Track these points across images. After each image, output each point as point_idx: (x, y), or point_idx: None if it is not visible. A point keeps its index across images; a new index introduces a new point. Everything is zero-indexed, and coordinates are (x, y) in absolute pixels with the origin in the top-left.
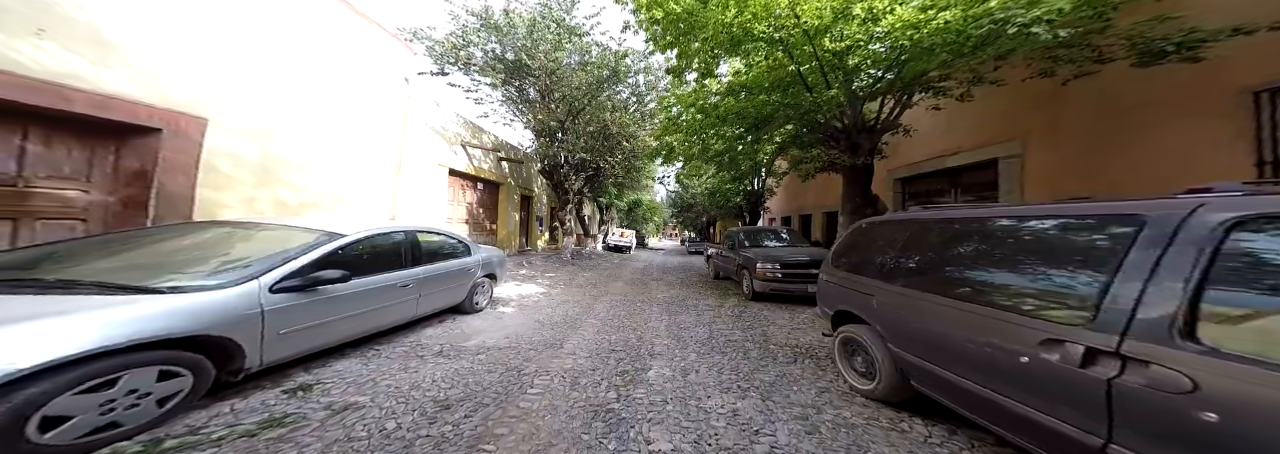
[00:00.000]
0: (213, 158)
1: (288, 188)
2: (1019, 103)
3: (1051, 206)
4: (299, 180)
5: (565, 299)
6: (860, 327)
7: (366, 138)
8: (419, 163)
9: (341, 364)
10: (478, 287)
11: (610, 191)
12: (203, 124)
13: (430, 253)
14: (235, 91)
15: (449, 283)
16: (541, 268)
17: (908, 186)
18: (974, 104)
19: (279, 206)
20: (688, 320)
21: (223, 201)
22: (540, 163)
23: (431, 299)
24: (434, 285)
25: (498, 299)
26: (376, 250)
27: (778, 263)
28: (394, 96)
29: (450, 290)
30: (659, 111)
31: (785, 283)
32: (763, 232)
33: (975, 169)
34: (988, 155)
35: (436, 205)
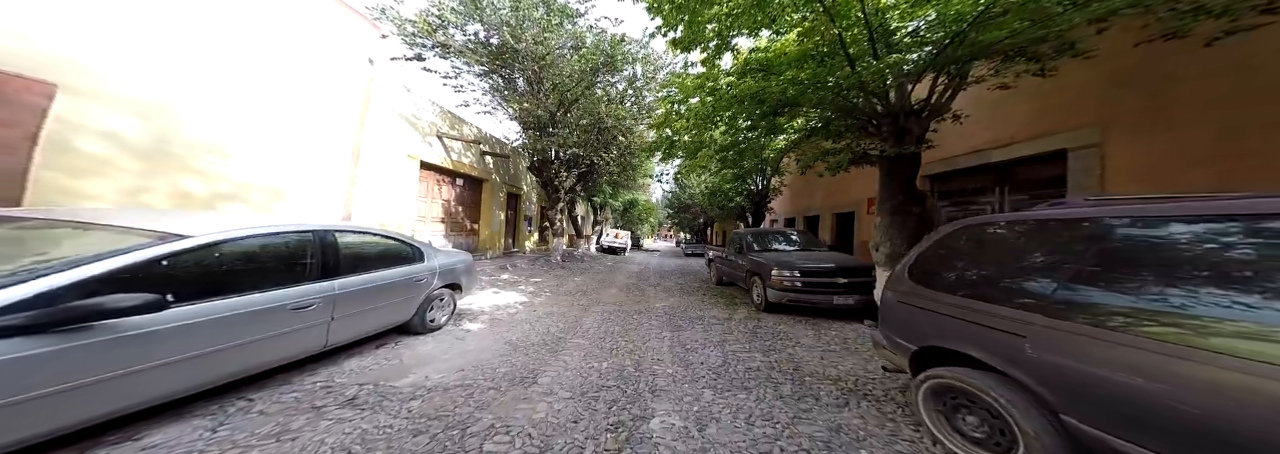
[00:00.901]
0: (71, 134)
1: (197, 177)
2: (1095, 82)
3: None
4: (215, 169)
5: (549, 311)
6: (977, 374)
7: (316, 123)
8: (383, 153)
9: (167, 432)
10: (434, 300)
11: (604, 190)
12: (48, 90)
13: (355, 260)
14: (109, 54)
15: (387, 298)
16: (527, 272)
17: (939, 185)
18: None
19: (182, 200)
20: (694, 338)
21: (86, 191)
22: (528, 158)
23: (356, 321)
24: (361, 302)
25: (465, 313)
26: (254, 259)
27: (797, 270)
28: (354, 78)
29: (389, 308)
30: (660, 104)
31: (805, 293)
32: (773, 234)
33: (1031, 163)
34: (1051, 146)
35: (404, 202)
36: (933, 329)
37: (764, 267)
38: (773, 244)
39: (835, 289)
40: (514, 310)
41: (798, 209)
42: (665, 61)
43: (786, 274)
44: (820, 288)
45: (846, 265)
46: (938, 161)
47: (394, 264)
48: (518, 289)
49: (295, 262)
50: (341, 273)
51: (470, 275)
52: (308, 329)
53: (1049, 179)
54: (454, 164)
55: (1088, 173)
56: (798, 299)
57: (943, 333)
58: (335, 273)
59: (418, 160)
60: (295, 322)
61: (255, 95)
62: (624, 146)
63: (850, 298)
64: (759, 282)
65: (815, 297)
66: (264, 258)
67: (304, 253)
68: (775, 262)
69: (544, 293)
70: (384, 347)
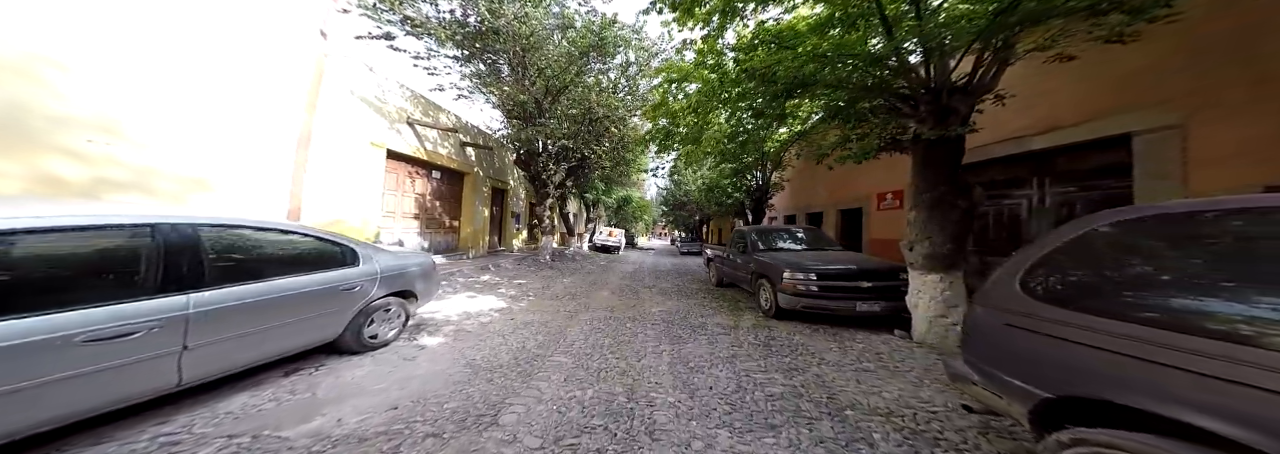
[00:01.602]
0: None
1: (69, 159)
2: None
3: None
4: (98, 149)
5: (529, 319)
6: (1164, 443)
7: (251, 102)
8: (341, 140)
9: None
10: (374, 312)
11: (597, 186)
12: None
13: (237, 266)
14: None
15: (295, 312)
16: (512, 273)
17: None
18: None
19: (51, 187)
20: (698, 354)
21: None
22: (514, 151)
23: (237, 348)
24: (243, 322)
25: (425, 323)
26: (26, 266)
27: (812, 273)
28: (302, 53)
29: (301, 325)
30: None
31: (823, 298)
32: (780, 232)
33: (1081, 150)
34: (1110, 130)
35: (368, 194)
36: (1087, 372)
37: (773, 269)
38: (779, 243)
39: (858, 294)
40: (487, 319)
41: (798, 206)
42: (660, 47)
43: (800, 277)
44: (840, 293)
45: (870, 267)
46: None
47: (310, 269)
48: (497, 293)
49: (114, 269)
50: (206, 284)
51: (429, 280)
52: (134, 366)
53: (1102, 168)
54: (429, 154)
55: (1162, 159)
56: (814, 305)
57: (1113, 380)
58: (194, 283)
59: (383, 148)
60: (102, 357)
61: (164, 65)
62: (617, 139)
63: (876, 304)
64: (767, 285)
65: (835, 303)
66: (52, 264)
67: (132, 257)
68: (786, 263)
69: (527, 297)
70: (297, 374)
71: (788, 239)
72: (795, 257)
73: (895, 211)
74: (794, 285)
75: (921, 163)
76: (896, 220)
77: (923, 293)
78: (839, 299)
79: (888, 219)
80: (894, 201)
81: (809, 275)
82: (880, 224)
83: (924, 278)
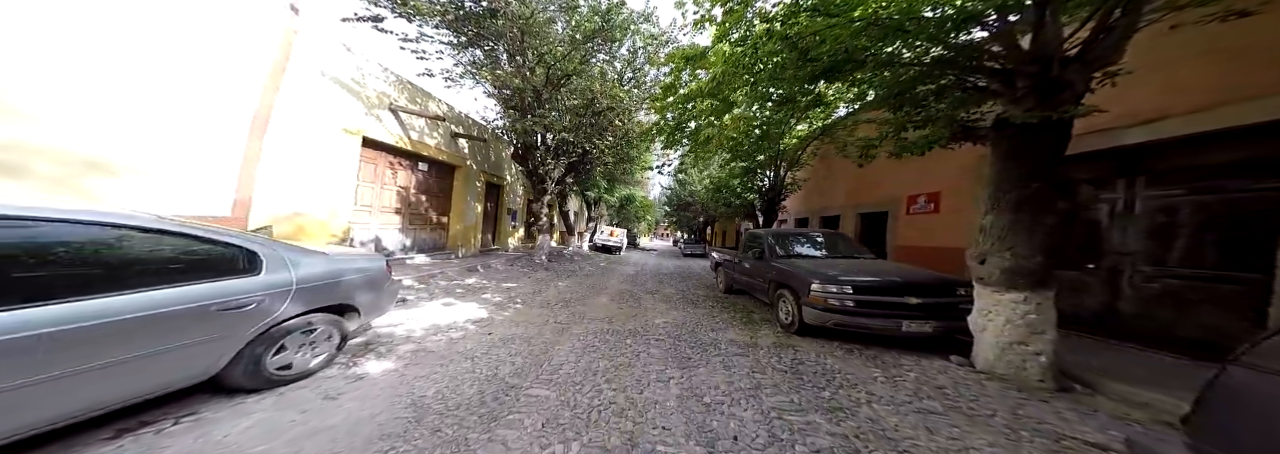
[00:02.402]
0: None
1: None
2: None
3: None
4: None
5: (511, 333)
6: None
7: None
8: (307, 124)
9: None
10: (286, 335)
11: (599, 184)
12: None
13: (39, 278)
14: None
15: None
16: (502, 275)
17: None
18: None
19: None
20: (713, 383)
21: None
22: (511, 144)
23: (22, 401)
24: (44, 361)
25: (377, 341)
26: None
27: (848, 286)
28: (265, 27)
29: (146, 361)
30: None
31: (860, 315)
32: (799, 236)
33: (1200, 143)
34: (1255, 117)
35: (338, 185)
36: None
37: (797, 278)
38: (800, 248)
39: (905, 312)
40: (459, 334)
41: (812, 208)
42: (670, 35)
43: (832, 290)
44: (882, 309)
45: (918, 280)
46: None
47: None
48: (480, 298)
49: None
50: None
51: (378, 290)
52: None
53: (1231, 165)
54: (414, 144)
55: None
56: (848, 323)
57: None
58: None
59: (359, 135)
60: None
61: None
62: (620, 133)
63: (927, 324)
64: (789, 296)
65: (876, 321)
66: None
67: None
68: (814, 273)
69: (513, 304)
70: (137, 432)
71: (809, 244)
72: (822, 265)
73: (929, 217)
74: (824, 299)
75: (1007, 154)
76: (930, 226)
77: (995, 314)
78: (881, 317)
79: (919, 224)
80: (928, 205)
81: (843, 288)
82: (910, 230)
83: (1000, 296)
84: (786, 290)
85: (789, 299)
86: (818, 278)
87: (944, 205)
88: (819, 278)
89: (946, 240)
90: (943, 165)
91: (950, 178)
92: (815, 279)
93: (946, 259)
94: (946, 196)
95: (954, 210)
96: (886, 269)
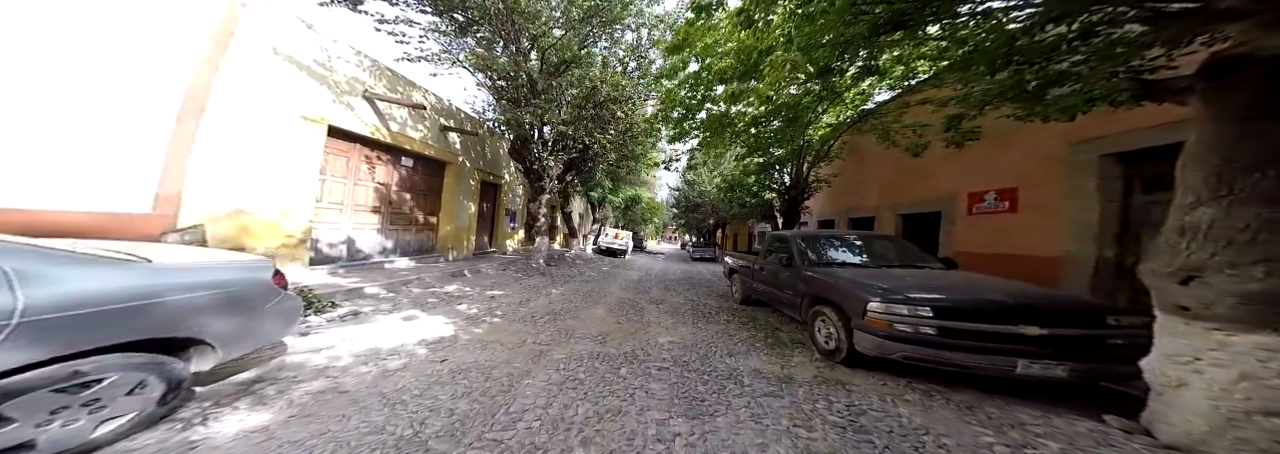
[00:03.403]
0: None
1: None
2: None
3: None
4: None
5: (470, 360)
6: None
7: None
8: (255, 108)
9: None
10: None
11: (603, 184)
12: None
13: None
14: None
15: None
16: (491, 281)
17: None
18: None
19: None
20: (740, 448)
21: None
22: (507, 138)
23: None
24: None
25: (278, 375)
26: None
27: (927, 306)
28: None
29: None
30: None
31: (945, 347)
32: (837, 239)
33: None
34: None
35: (297, 179)
36: None
37: (846, 294)
38: (838, 253)
39: (1021, 345)
40: (399, 363)
41: (838, 209)
42: (677, 19)
43: (902, 311)
44: (982, 341)
45: (1040, 301)
46: (1122, 135)
47: None
48: (453, 310)
49: None
50: None
51: (251, 313)
52: None
53: None
54: (394, 137)
55: None
56: (927, 358)
57: None
58: None
59: (324, 124)
60: None
61: None
62: (624, 127)
63: (1058, 366)
64: (831, 316)
65: (971, 357)
66: None
67: None
68: (872, 287)
69: (492, 316)
70: None
71: (851, 249)
72: (878, 277)
73: (1000, 218)
74: (890, 322)
75: (1248, 111)
76: (1002, 228)
77: (1213, 364)
78: (979, 350)
79: (985, 226)
80: (1000, 203)
81: (918, 309)
82: (973, 233)
83: (1229, 338)
84: (827, 308)
85: (831, 319)
86: (878, 294)
87: (1023, 202)
88: (880, 294)
89: (1027, 246)
90: (1017, 155)
91: (1030, 169)
92: (874, 295)
93: (1026, 270)
94: (1027, 192)
95: (1037, 208)
96: (977, 284)
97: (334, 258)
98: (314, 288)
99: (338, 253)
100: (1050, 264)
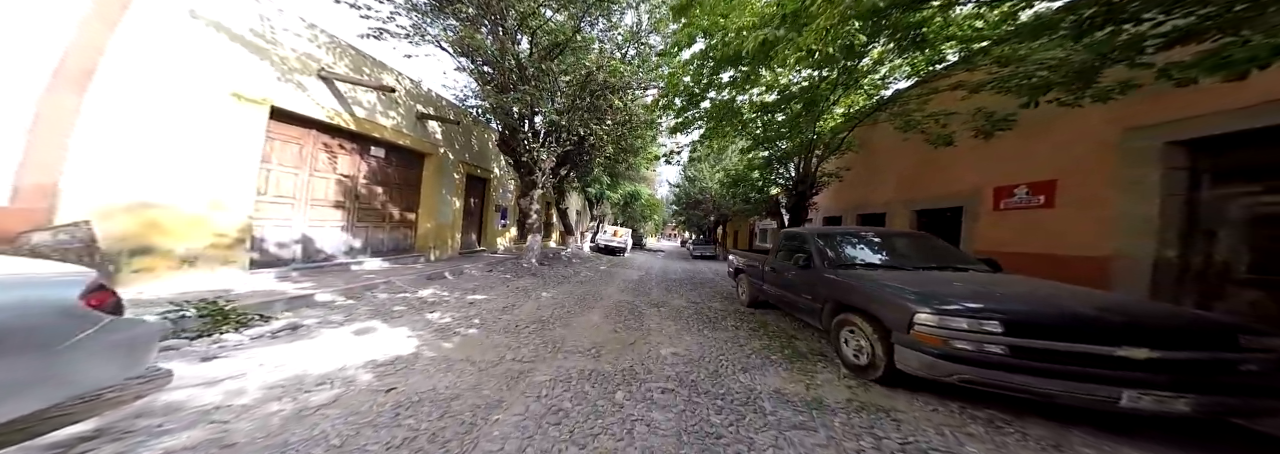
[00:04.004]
0: None
1: None
2: None
3: None
4: None
5: (425, 388)
6: None
7: None
8: (171, 83)
9: None
10: None
11: (601, 180)
12: None
13: None
14: None
15: None
16: (475, 283)
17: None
18: None
19: None
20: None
21: None
22: (495, 129)
23: None
24: None
25: (154, 414)
26: None
27: (995, 319)
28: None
29: None
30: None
31: (1020, 370)
32: (856, 236)
33: None
34: None
35: (232, 169)
36: None
37: (887, 302)
38: (863, 253)
39: (1123, 372)
40: (326, 396)
41: (846, 205)
42: None
43: (960, 325)
44: (1072, 364)
45: (1149, 316)
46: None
47: None
48: (420, 321)
49: None
50: None
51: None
52: None
53: None
54: (359, 123)
55: None
56: (997, 382)
57: None
58: None
59: (266, 105)
60: None
61: None
62: (622, 118)
63: (1179, 399)
64: (864, 327)
65: (1056, 383)
66: None
67: None
68: (919, 295)
69: (467, 327)
70: None
71: (878, 248)
72: (922, 281)
73: (1033, 213)
74: (945, 338)
75: None
76: (1035, 224)
77: None
78: (1068, 376)
79: (1014, 223)
80: (1033, 197)
81: (982, 322)
82: (999, 230)
83: None
84: (857, 317)
85: (863, 331)
86: (927, 303)
87: (1062, 196)
88: (930, 303)
89: (1067, 244)
90: (1055, 144)
91: (1072, 159)
92: (924, 306)
93: (1066, 270)
94: (1068, 184)
95: (1080, 203)
96: (1046, 291)
97: (285, 259)
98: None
99: (290, 254)
100: (1097, 264)
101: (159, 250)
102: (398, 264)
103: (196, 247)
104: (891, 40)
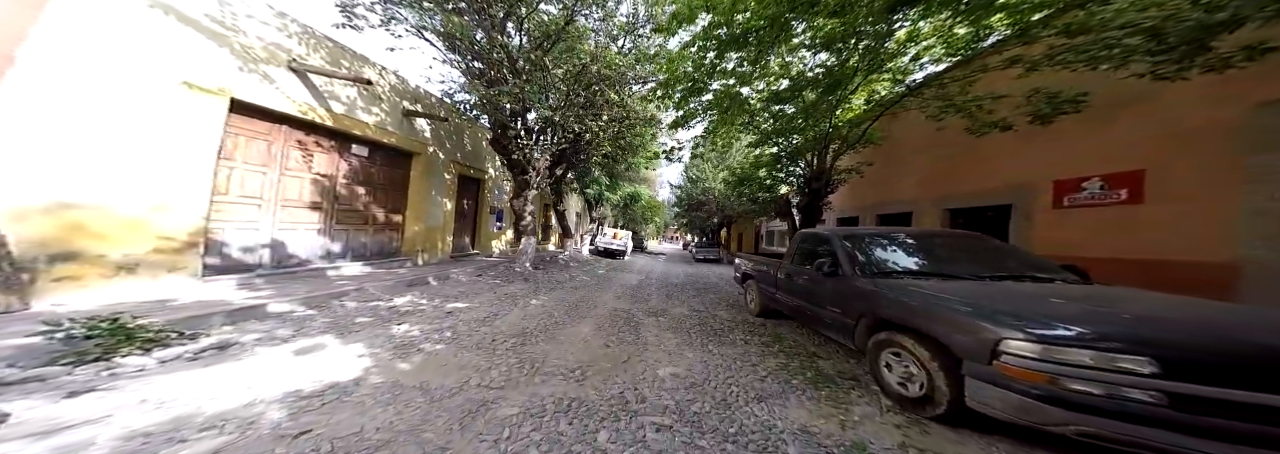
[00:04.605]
0: None
1: None
2: None
3: None
4: None
5: (356, 428)
6: None
7: None
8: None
9: None
10: None
11: (600, 181)
12: None
13: None
14: None
15: None
16: (458, 290)
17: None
18: None
19: None
20: None
21: None
22: (490, 125)
23: None
24: None
25: None
26: None
27: (1146, 354)
28: None
29: None
30: None
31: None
32: (898, 238)
33: None
34: None
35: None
36: None
37: (956, 321)
38: (902, 257)
39: None
40: (226, 437)
41: (863, 204)
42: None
43: (1082, 358)
44: (1256, 420)
45: None
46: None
47: None
48: (382, 335)
49: None
50: None
51: None
52: None
53: None
54: (337, 119)
55: None
56: (1145, 440)
57: None
58: None
59: (225, 97)
60: None
61: None
62: (620, 114)
63: None
64: (919, 350)
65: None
66: None
67: None
68: (1008, 312)
69: (434, 342)
70: None
71: (923, 253)
72: (996, 295)
73: (1113, 210)
74: (1054, 375)
75: None
76: (1114, 225)
77: None
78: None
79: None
80: (1112, 193)
81: (1116, 358)
82: (1063, 232)
83: None
84: (905, 337)
85: (917, 355)
86: (1019, 326)
87: (1153, 190)
88: (1024, 326)
89: (1163, 248)
90: (1140, 127)
91: (1170, 144)
92: (1014, 330)
93: (1164, 278)
94: (1161, 176)
95: (1180, 198)
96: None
97: (250, 265)
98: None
99: (256, 259)
100: (1213, 272)
101: (87, 256)
102: (379, 269)
103: (137, 252)
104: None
